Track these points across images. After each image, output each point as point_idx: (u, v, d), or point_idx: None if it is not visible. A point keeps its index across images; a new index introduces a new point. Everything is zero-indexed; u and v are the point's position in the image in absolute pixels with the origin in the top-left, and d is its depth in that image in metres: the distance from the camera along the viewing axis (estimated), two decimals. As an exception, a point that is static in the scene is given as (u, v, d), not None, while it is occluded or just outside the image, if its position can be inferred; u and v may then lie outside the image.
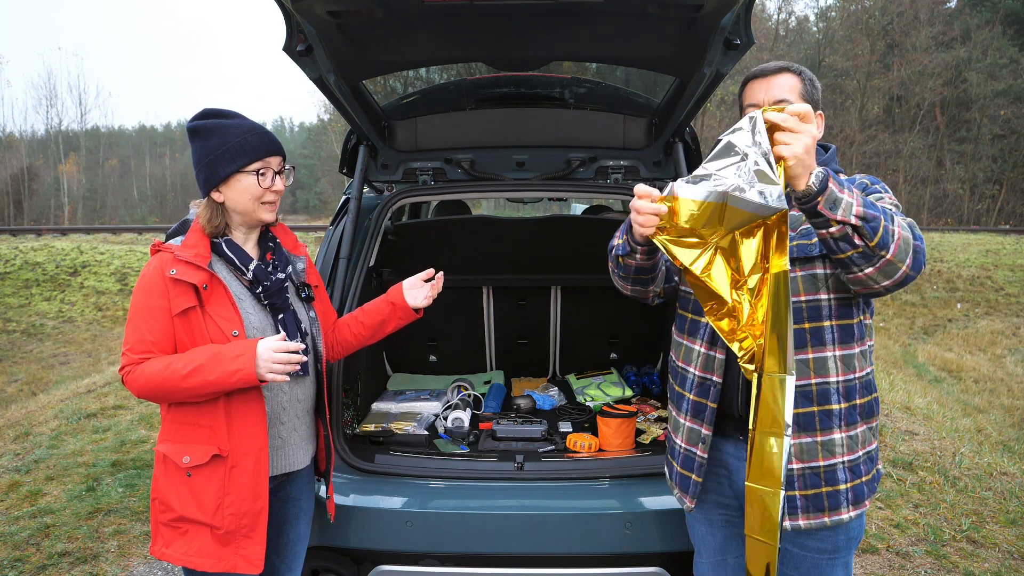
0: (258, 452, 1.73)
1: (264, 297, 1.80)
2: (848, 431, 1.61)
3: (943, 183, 28.52)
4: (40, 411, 6.03)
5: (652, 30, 2.15)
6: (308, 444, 1.96)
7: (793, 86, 1.68)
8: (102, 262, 14.94)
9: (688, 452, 1.78)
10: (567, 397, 3.34)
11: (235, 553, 1.73)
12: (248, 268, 1.79)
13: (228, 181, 1.75)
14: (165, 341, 1.69)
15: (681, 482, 1.82)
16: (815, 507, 1.62)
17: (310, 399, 1.95)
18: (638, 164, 3.07)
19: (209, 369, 1.61)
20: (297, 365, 1.68)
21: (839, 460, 1.61)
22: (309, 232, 18.52)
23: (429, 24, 2.16)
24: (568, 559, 2.22)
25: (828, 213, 1.37)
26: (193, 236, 1.78)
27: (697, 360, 1.75)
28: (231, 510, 1.71)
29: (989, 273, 14.89)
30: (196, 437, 1.71)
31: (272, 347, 1.64)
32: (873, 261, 1.42)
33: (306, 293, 1.94)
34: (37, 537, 3.50)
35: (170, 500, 1.72)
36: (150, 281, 1.71)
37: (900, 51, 28.15)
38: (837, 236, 1.40)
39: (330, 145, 38.95)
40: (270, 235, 1.91)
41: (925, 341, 9.88)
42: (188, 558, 1.72)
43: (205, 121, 1.77)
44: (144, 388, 1.66)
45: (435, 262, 2.30)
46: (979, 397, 7.05)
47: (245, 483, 1.71)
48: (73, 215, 34.41)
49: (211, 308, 1.71)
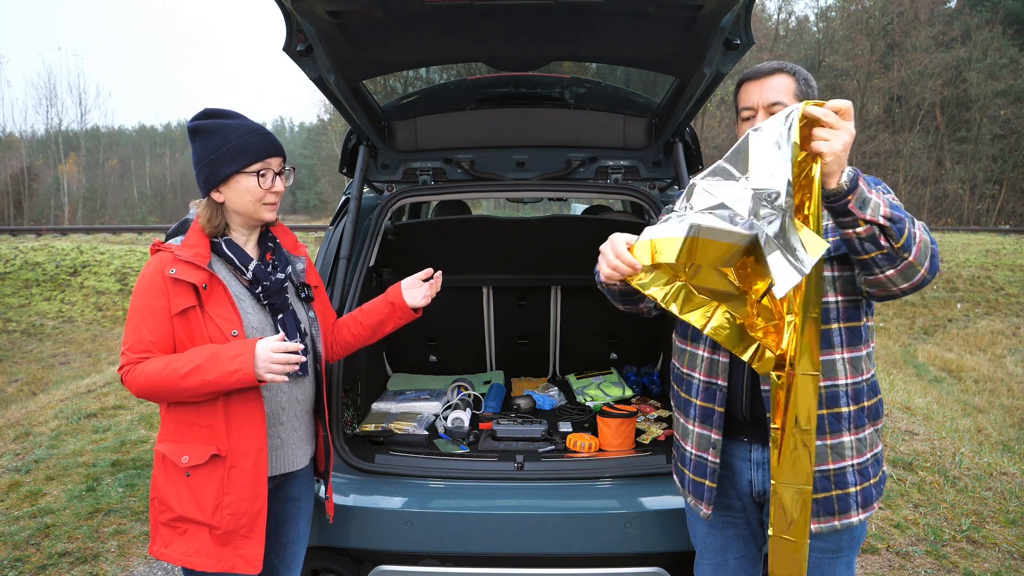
0: (257, 452, 1.73)
1: (263, 297, 1.80)
2: (857, 434, 1.61)
3: (943, 183, 28.52)
4: (40, 411, 6.03)
5: (652, 30, 2.15)
6: (307, 444, 1.96)
7: (787, 87, 1.66)
8: (102, 262, 14.94)
9: (700, 458, 1.76)
10: (567, 397, 3.34)
11: (234, 553, 1.73)
12: (248, 268, 1.79)
13: (228, 182, 1.75)
14: (164, 341, 1.69)
15: (695, 489, 1.80)
16: (825, 511, 1.62)
17: (309, 399, 1.94)
18: (638, 164, 3.07)
19: (208, 369, 1.61)
20: (296, 366, 1.68)
21: (848, 463, 1.61)
22: (309, 232, 18.52)
23: (429, 24, 2.16)
24: (568, 559, 2.22)
25: (858, 212, 1.35)
26: (193, 236, 1.78)
27: (701, 365, 1.74)
28: (230, 510, 1.71)
29: (989, 273, 14.90)
30: (195, 437, 1.71)
31: (271, 347, 1.64)
32: (896, 263, 1.41)
33: (305, 293, 1.94)
34: (37, 537, 3.50)
35: (169, 500, 1.72)
36: (150, 281, 1.71)
37: (900, 51, 28.15)
38: (864, 236, 1.38)
39: (330, 145, 38.92)
40: (270, 235, 1.91)
41: (925, 341, 9.88)
42: (187, 558, 1.72)
43: (206, 121, 1.77)
44: (143, 388, 1.66)
45: (435, 262, 2.30)
46: (979, 397, 7.05)
47: (244, 483, 1.71)
48: (73, 215, 34.40)
49: (210, 308, 1.71)
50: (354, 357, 2.73)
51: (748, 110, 1.69)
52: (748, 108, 1.69)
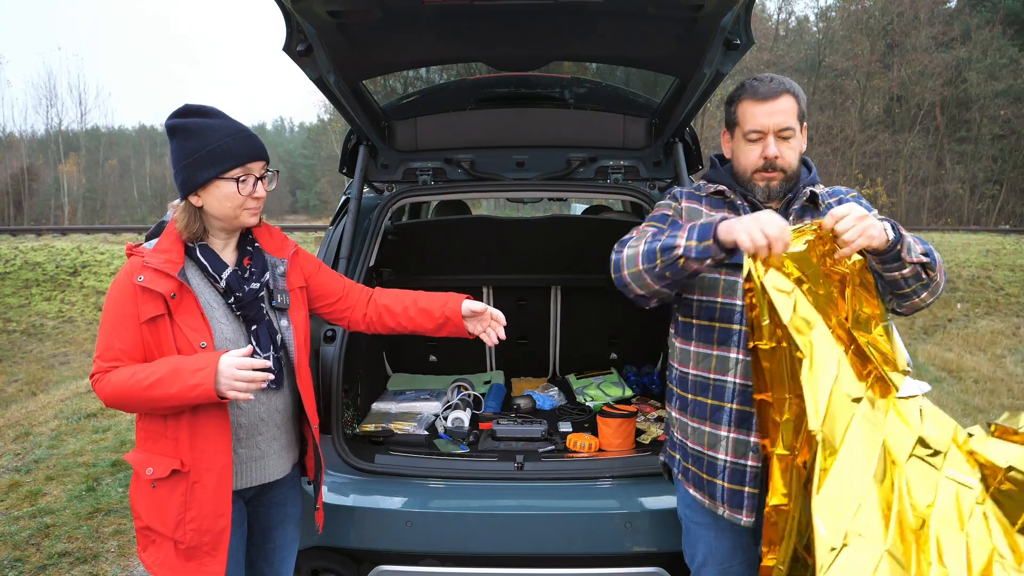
0: (221, 469, 1.66)
1: (236, 308, 1.72)
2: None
3: (943, 183, 28.49)
4: (40, 411, 6.03)
5: (652, 30, 2.15)
6: (290, 452, 1.90)
7: (792, 109, 1.70)
8: (102, 262, 14.92)
9: (736, 465, 1.71)
10: (567, 397, 3.34)
11: (197, 569, 1.68)
12: (221, 276, 1.70)
13: (207, 187, 1.65)
14: (134, 349, 1.62)
15: (732, 499, 1.72)
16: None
17: (290, 407, 1.87)
18: (638, 164, 3.07)
19: (170, 382, 1.54)
20: (262, 383, 1.59)
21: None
22: (309, 232, 18.49)
23: (429, 24, 2.16)
24: (568, 559, 2.22)
25: (908, 257, 1.45)
26: (166, 240, 1.69)
27: (736, 368, 1.70)
28: (192, 526, 1.66)
29: (989, 273, 14.88)
30: (160, 449, 1.67)
31: (234, 364, 1.55)
32: (931, 288, 1.54)
33: (277, 301, 1.81)
34: (37, 537, 3.50)
35: (139, 508, 1.70)
36: (120, 287, 1.64)
37: (900, 51, 28.11)
38: (909, 275, 1.48)
39: (330, 145, 38.90)
40: (250, 238, 1.81)
41: (925, 341, 9.86)
42: (156, 568, 1.70)
43: (185, 120, 1.67)
44: (111, 397, 1.61)
45: (435, 262, 2.30)
46: (979, 397, 7.04)
47: (206, 500, 1.66)
48: (73, 215, 34.38)
49: (179, 318, 1.63)
50: (354, 357, 2.73)
51: (756, 133, 1.70)
52: (756, 131, 1.70)
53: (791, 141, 1.72)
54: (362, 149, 2.92)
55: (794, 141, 1.72)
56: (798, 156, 1.75)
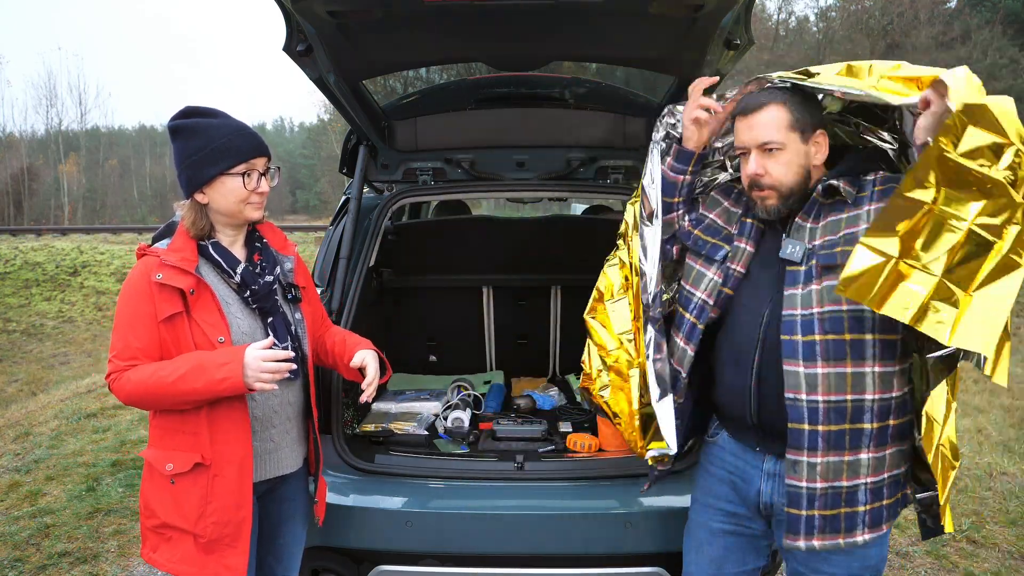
0: (241, 460, 1.70)
1: (252, 301, 1.76)
2: (876, 452, 1.55)
3: (943, 183, 28.49)
4: (40, 411, 6.03)
5: (652, 30, 2.15)
6: (300, 446, 1.94)
7: (779, 120, 1.58)
8: (102, 262, 14.93)
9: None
10: (567, 397, 3.34)
11: (218, 562, 1.70)
12: (236, 271, 1.75)
13: (212, 183, 1.70)
14: (151, 347, 1.66)
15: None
16: (831, 528, 1.56)
17: (300, 401, 1.91)
18: (638, 164, 3.07)
19: (195, 377, 1.58)
20: (286, 372, 1.65)
21: (862, 481, 1.55)
22: (309, 232, 18.50)
23: (429, 24, 2.16)
24: (568, 559, 2.22)
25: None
26: (179, 239, 1.73)
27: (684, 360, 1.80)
28: (213, 519, 1.68)
29: (989, 273, 14.88)
30: (179, 444, 1.69)
31: (260, 355, 1.61)
32: None
33: (292, 294, 1.88)
34: (37, 537, 3.50)
35: (154, 506, 1.71)
36: (136, 286, 1.67)
37: (900, 51, 28.10)
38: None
39: (330, 145, 38.90)
40: (257, 235, 1.87)
41: (925, 341, 9.92)
42: (172, 564, 1.70)
43: (187, 120, 1.72)
44: (131, 395, 1.64)
45: (435, 262, 2.30)
46: (979, 397, 7.05)
47: (228, 492, 1.69)
48: (73, 215, 34.40)
49: (197, 314, 1.67)
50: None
51: (740, 149, 1.66)
52: (740, 148, 1.65)
53: (779, 155, 1.58)
54: (362, 149, 2.92)
55: (783, 155, 1.58)
56: (796, 171, 1.60)
